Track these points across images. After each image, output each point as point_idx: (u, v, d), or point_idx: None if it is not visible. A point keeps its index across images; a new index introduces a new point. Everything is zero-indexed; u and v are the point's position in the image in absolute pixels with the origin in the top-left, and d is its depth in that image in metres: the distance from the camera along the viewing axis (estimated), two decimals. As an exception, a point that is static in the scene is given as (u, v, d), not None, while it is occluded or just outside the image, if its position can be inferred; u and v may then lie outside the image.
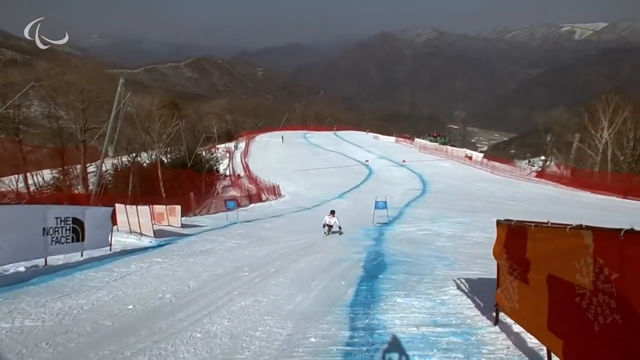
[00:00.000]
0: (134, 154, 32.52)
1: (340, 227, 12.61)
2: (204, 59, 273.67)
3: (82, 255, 7.99)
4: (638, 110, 32.00)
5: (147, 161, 34.67)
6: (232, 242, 11.11)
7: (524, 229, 3.27)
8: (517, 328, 3.61)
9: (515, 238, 3.52)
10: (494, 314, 4.01)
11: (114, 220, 10.88)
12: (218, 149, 55.14)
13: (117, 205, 13.08)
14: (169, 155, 38.21)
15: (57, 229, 7.22)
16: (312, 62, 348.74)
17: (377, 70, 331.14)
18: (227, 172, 41.67)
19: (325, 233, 12.56)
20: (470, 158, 44.83)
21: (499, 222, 4.02)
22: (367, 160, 43.89)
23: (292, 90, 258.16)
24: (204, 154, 42.39)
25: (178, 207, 15.75)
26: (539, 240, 3.00)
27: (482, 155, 49.53)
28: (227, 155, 50.56)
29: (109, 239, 9.17)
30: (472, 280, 5.79)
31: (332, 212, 12.89)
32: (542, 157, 46.76)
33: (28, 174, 24.67)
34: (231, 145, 58.10)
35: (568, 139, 39.63)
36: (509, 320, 3.79)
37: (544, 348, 2.99)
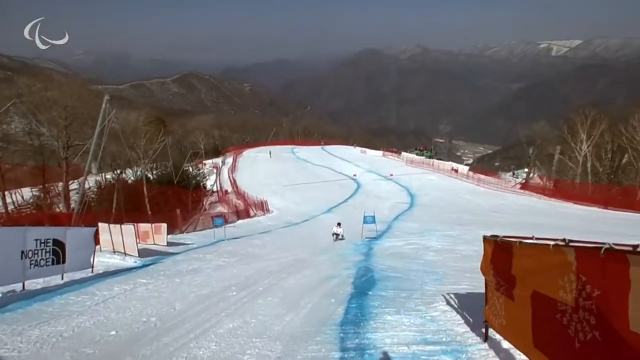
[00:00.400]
0: (118, 171, 31.98)
1: (343, 236, 15.63)
2: (191, 74, 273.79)
3: (62, 278, 7.71)
4: (614, 123, 33.29)
5: (132, 178, 34.11)
6: (220, 261, 10.89)
7: (509, 246, 3.31)
8: (506, 344, 3.61)
9: (501, 254, 3.55)
10: (484, 330, 4.01)
11: (96, 240, 10.58)
12: (205, 164, 54.75)
13: (100, 224, 12.77)
14: (154, 172, 37.73)
15: (36, 252, 6.95)
16: (300, 78, 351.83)
17: (364, 86, 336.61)
18: (215, 188, 41.29)
19: (333, 240, 15.44)
20: (456, 171, 45.58)
21: (485, 238, 4.05)
22: (355, 175, 44.14)
23: (280, 106, 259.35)
24: (190, 169, 42.06)
25: (164, 225, 15.45)
26: (524, 257, 3.04)
27: (467, 168, 50.40)
28: (215, 170, 50.20)
29: (91, 260, 8.89)
30: (461, 295, 5.81)
31: (339, 224, 16.04)
32: (526, 169, 47.87)
33: (7, 193, 23.92)
34: (218, 160, 57.77)
35: (549, 151, 40.84)
36: (498, 336, 3.80)
37: (533, 365, 2.99)
